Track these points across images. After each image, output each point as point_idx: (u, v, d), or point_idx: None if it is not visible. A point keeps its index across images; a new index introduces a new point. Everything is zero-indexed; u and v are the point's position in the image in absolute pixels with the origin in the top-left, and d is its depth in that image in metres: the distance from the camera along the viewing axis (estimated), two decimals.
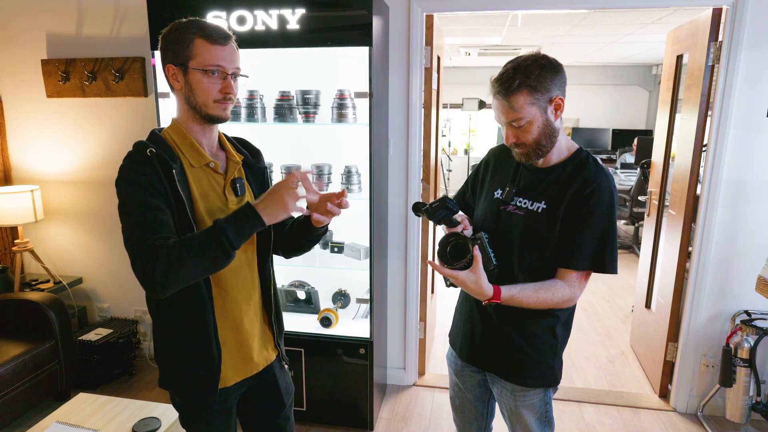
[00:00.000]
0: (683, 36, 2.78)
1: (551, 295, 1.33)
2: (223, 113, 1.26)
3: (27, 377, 2.48)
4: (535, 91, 1.27)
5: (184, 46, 1.21)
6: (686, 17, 4.29)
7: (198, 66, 1.21)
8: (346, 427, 2.59)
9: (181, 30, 1.22)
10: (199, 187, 1.27)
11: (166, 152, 1.23)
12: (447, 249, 1.32)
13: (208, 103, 1.24)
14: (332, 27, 2.20)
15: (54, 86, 2.97)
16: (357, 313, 2.68)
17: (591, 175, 1.33)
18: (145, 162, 1.19)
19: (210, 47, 1.21)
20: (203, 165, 1.29)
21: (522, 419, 1.50)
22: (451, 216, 1.39)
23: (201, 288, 1.27)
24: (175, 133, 1.29)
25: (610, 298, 4.48)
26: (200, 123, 1.28)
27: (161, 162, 1.20)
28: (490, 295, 1.30)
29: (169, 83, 1.28)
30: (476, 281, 1.29)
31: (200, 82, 1.22)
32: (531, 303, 1.33)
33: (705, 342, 2.64)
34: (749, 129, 2.40)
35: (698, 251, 2.55)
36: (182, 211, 1.21)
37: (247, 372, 1.40)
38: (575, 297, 1.36)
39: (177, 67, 1.23)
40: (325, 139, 2.69)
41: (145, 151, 1.20)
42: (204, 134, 1.30)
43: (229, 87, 1.24)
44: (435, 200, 1.40)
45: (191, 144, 1.28)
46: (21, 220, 2.88)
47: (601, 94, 8.45)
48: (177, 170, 1.22)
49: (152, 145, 1.22)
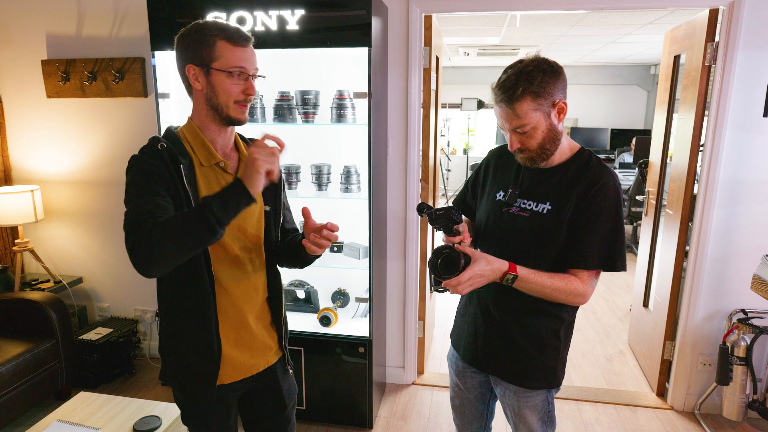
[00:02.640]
0: (680, 36, 2.80)
1: (565, 283, 1.32)
2: (242, 116, 1.29)
3: (28, 376, 2.49)
4: (538, 96, 1.26)
5: (207, 47, 1.22)
6: (684, 18, 4.31)
7: (221, 67, 1.23)
8: (345, 425, 2.60)
9: (202, 31, 1.23)
10: (208, 185, 1.29)
11: (177, 148, 1.26)
12: (438, 261, 1.30)
13: (229, 104, 1.26)
14: (331, 28, 2.21)
15: (54, 86, 2.97)
16: (356, 312, 2.69)
17: (596, 174, 1.33)
18: (155, 154, 1.23)
19: (233, 49, 1.23)
20: (213, 164, 1.31)
21: (525, 420, 1.50)
22: (452, 226, 1.37)
23: (205, 284, 1.29)
24: (189, 132, 1.31)
25: (608, 297, 4.49)
26: (218, 123, 1.30)
27: (171, 156, 1.23)
28: (506, 268, 1.29)
29: (187, 83, 1.29)
30: (486, 261, 1.28)
31: (223, 84, 1.24)
32: (545, 285, 1.31)
33: (702, 340, 2.66)
34: (745, 129, 2.42)
35: (695, 250, 2.57)
36: (188, 207, 1.23)
37: (246, 372, 1.41)
38: (587, 294, 1.34)
39: (199, 68, 1.24)
40: (324, 140, 2.70)
41: (157, 144, 1.24)
42: (219, 134, 1.32)
43: (251, 88, 1.27)
44: (441, 207, 1.37)
45: (203, 143, 1.30)
46: (21, 220, 2.88)
47: (600, 94, 8.46)
48: (185, 167, 1.24)
49: (164, 140, 1.26)
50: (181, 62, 1.26)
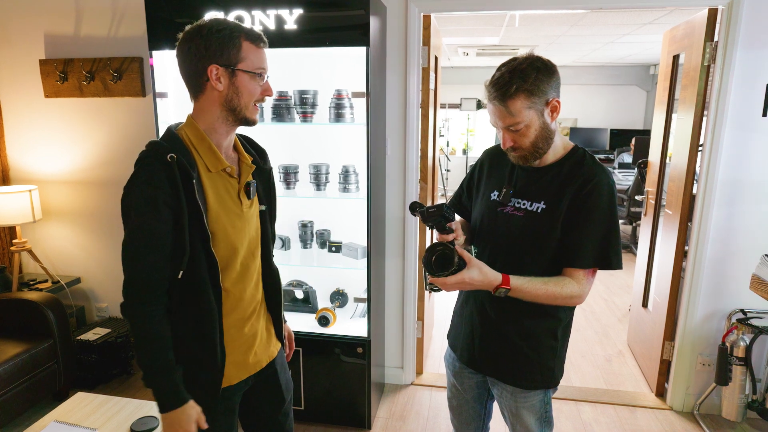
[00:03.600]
0: (679, 36, 2.80)
1: (560, 288, 1.31)
2: (256, 116, 1.29)
3: (25, 377, 2.48)
4: (532, 95, 1.25)
5: (234, 48, 1.20)
6: (683, 17, 4.30)
7: (247, 68, 1.22)
8: (344, 426, 2.60)
9: (227, 31, 1.19)
10: (216, 192, 1.26)
11: (186, 158, 1.19)
12: (432, 258, 1.29)
13: (249, 105, 1.25)
14: (330, 27, 2.20)
15: (52, 86, 2.97)
16: (355, 312, 2.68)
17: (589, 171, 1.32)
18: (162, 170, 1.15)
19: (256, 50, 1.24)
20: (220, 170, 1.27)
21: (522, 420, 1.50)
22: (445, 223, 1.36)
23: (211, 301, 1.25)
24: (194, 136, 1.25)
25: (607, 297, 4.49)
26: (231, 125, 1.27)
27: (181, 170, 1.16)
28: (500, 281, 1.29)
29: (199, 84, 1.22)
30: (480, 271, 1.28)
31: (247, 85, 1.23)
32: (539, 294, 1.31)
33: (701, 341, 2.66)
34: (745, 129, 2.41)
35: (694, 250, 2.56)
36: (198, 221, 1.20)
37: (250, 370, 1.41)
38: (583, 294, 1.33)
39: (223, 69, 1.20)
40: (322, 139, 2.69)
41: (165, 156, 1.15)
42: (227, 136, 1.29)
43: (269, 89, 1.29)
44: (433, 205, 1.37)
45: (209, 147, 1.25)
46: (19, 220, 2.88)
47: (599, 94, 8.46)
48: (197, 180, 1.20)
49: (171, 148, 1.18)
50: (198, 62, 1.19)
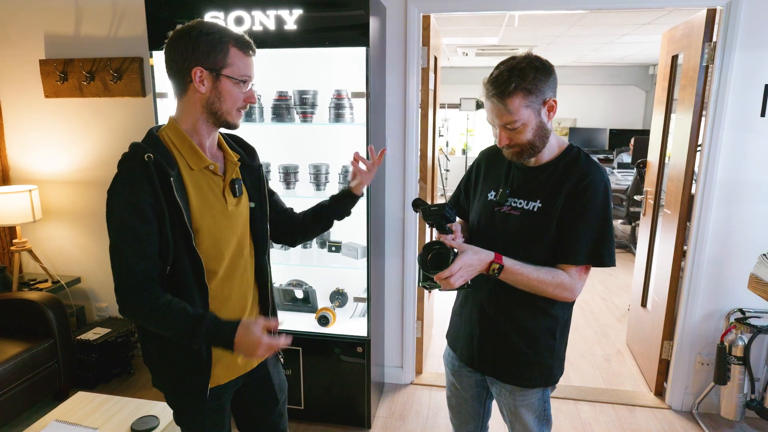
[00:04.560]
0: (678, 36, 2.80)
1: (551, 276, 1.32)
2: (239, 121, 1.29)
3: (26, 376, 2.48)
4: (530, 93, 1.27)
5: (222, 53, 1.20)
6: (681, 18, 4.31)
7: (232, 74, 1.22)
8: (343, 425, 2.60)
9: (216, 35, 1.20)
10: (198, 191, 1.26)
11: (164, 157, 1.19)
12: (429, 256, 1.30)
13: (231, 110, 1.25)
14: (330, 27, 2.21)
15: (52, 86, 2.97)
16: (354, 311, 2.69)
17: (584, 169, 1.34)
18: (141, 170, 1.16)
19: (243, 57, 1.24)
20: (202, 168, 1.28)
21: (521, 419, 1.51)
22: (446, 224, 1.38)
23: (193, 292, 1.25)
24: (174, 135, 1.26)
25: (606, 296, 4.50)
26: (212, 127, 1.28)
27: (158, 169, 1.17)
28: (492, 258, 1.30)
29: (182, 84, 1.23)
30: (473, 251, 1.29)
31: (230, 91, 1.23)
32: (531, 278, 1.31)
33: (700, 340, 2.66)
34: (743, 129, 2.42)
35: (693, 250, 2.57)
36: (179, 220, 1.20)
37: (240, 370, 1.41)
38: (575, 290, 1.34)
39: (208, 72, 1.20)
40: (322, 139, 2.70)
41: (143, 156, 1.17)
42: (209, 137, 1.30)
43: (253, 97, 1.28)
44: (435, 204, 1.39)
45: (191, 146, 1.25)
46: (19, 220, 2.88)
47: (599, 94, 8.47)
48: (174, 177, 1.20)
49: (149, 149, 1.19)
50: (183, 62, 1.20)
